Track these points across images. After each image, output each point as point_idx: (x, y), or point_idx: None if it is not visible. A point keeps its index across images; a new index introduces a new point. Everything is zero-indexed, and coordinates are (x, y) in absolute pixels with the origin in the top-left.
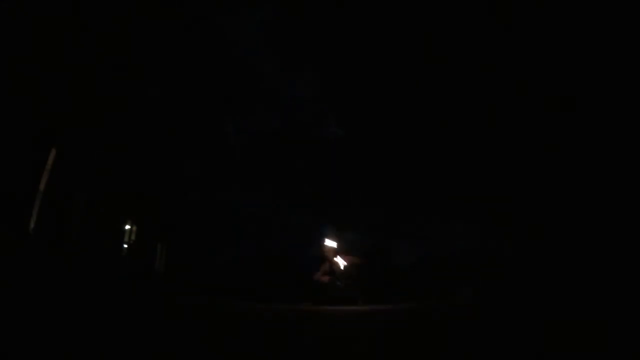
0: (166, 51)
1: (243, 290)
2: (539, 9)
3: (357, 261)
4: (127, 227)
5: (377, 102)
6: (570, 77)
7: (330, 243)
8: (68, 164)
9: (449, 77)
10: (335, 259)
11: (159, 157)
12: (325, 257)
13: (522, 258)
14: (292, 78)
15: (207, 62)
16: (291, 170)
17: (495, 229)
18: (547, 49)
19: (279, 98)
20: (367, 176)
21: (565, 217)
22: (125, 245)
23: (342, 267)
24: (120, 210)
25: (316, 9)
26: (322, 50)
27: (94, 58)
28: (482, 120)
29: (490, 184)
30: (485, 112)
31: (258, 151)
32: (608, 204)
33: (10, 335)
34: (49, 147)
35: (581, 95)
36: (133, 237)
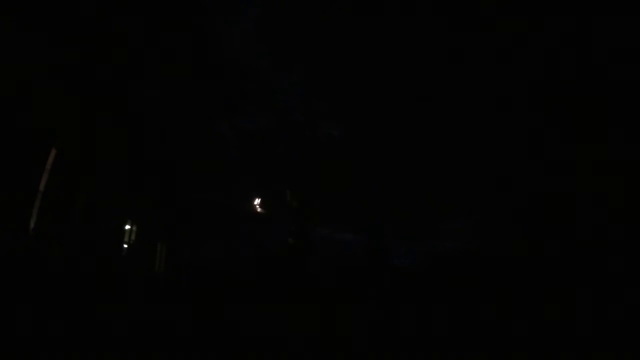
0: (163, 52)
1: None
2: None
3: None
4: (127, 227)
5: (373, 101)
6: (567, 78)
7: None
8: (68, 164)
9: (445, 76)
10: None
11: (157, 156)
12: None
13: (521, 256)
14: (285, 78)
15: (202, 63)
16: (286, 169)
17: (494, 228)
18: (543, 49)
19: (273, 98)
20: (364, 176)
21: (564, 215)
22: (125, 245)
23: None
24: (120, 210)
25: (309, 8)
26: (315, 49)
27: (93, 59)
28: (480, 119)
29: (489, 183)
30: (483, 110)
31: (252, 150)
32: (609, 205)
33: (11, 333)
34: (49, 147)
35: (579, 96)
36: (133, 237)
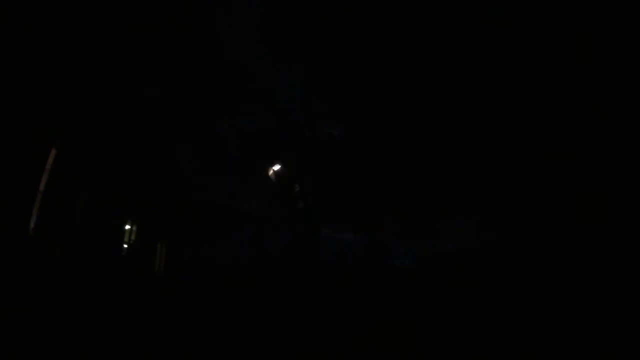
0: (162, 52)
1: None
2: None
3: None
4: (127, 227)
5: (373, 101)
6: (565, 78)
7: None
8: (68, 164)
9: (445, 76)
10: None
11: (157, 157)
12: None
13: (520, 254)
14: (285, 78)
15: (202, 63)
16: (286, 169)
17: (494, 228)
18: (542, 50)
19: (273, 98)
20: (364, 176)
21: (564, 213)
22: (125, 245)
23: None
24: (120, 210)
25: (309, 9)
26: (315, 50)
27: (93, 59)
28: (479, 118)
29: (489, 183)
30: (483, 110)
31: (252, 150)
32: (610, 204)
33: (12, 333)
34: (49, 147)
35: (577, 96)
36: (133, 237)
